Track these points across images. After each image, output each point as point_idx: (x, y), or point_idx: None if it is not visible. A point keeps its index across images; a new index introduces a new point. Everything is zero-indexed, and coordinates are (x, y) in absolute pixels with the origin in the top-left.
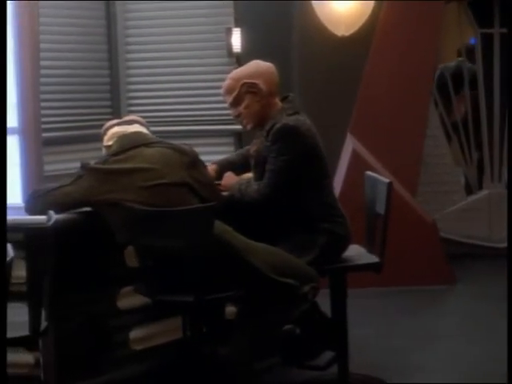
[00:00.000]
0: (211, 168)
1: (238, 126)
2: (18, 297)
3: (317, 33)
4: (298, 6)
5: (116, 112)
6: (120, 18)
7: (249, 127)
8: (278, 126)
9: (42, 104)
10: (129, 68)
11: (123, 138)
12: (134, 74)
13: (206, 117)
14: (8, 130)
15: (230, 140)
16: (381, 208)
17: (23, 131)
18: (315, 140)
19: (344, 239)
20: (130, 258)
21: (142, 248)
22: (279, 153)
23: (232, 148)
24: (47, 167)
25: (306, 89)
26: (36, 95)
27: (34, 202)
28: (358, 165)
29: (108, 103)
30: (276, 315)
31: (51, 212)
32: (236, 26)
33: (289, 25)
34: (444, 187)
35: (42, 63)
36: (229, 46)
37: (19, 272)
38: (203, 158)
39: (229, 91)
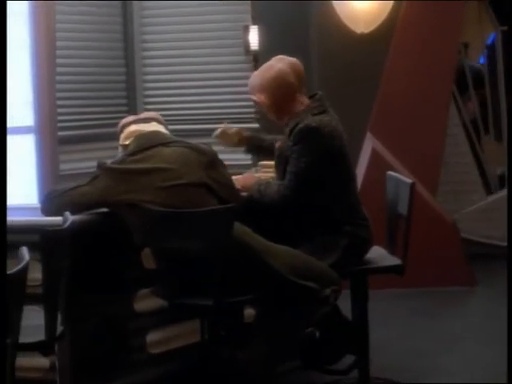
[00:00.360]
0: (239, 130)
1: (255, 124)
2: (34, 299)
3: (336, 30)
4: (316, 3)
5: (132, 110)
6: (136, 16)
7: (278, 123)
8: (300, 126)
9: (58, 102)
10: (145, 66)
11: (140, 137)
12: (151, 72)
13: (223, 115)
14: (24, 129)
15: None
16: (403, 209)
17: (39, 130)
18: (340, 141)
19: (366, 242)
20: (148, 259)
21: (159, 250)
22: (300, 154)
23: None
24: (63, 166)
25: (324, 87)
26: (52, 93)
27: (50, 203)
28: (377, 164)
29: (124, 101)
30: (296, 318)
31: (67, 213)
32: (253, 24)
33: (307, 22)
34: (463, 187)
35: (58, 61)
36: (246, 44)
37: (35, 274)
38: (221, 156)
39: (255, 90)
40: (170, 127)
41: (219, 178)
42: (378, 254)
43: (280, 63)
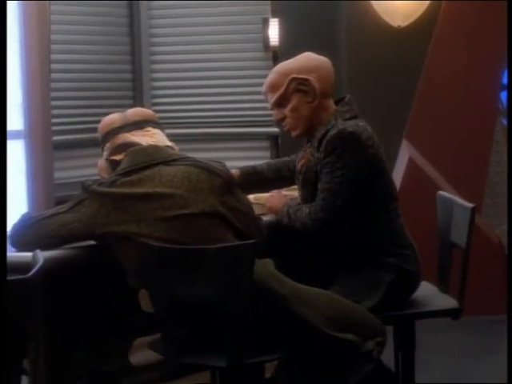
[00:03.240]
0: (235, 172)
1: (275, 128)
2: None
3: (370, 23)
4: None
5: None
6: (143, 7)
7: (295, 134)
8: (332, 132)
9: (53, 103)
10: (153, 63)
11: (136, 152)
12: (159, 70)
13: (238, 117)
14: (12, 134)
15: (265, 144)
16: (459, 238)
17: (30, 134)
18: (379, 152)
19: (415, 277)
20: (146, 300)
21: (159, 295)
22: (334, 167)
23: (267, 153)
24: (58, 174)
25: (355, 88)
26: (45, 93)
27: (22, 233)
28: (415, 176)
29: (130, 102)
30: (333, 379)
31: (38, 252)
32: (273, 17)
33: (335, 14)
34: (505, 198)
35: (53, 57)
36: (265, 39)
37: None
38: (235, 164)
39: (273, 88)
40: (180, 131)
41: (236, 206)
42: (426, 292)
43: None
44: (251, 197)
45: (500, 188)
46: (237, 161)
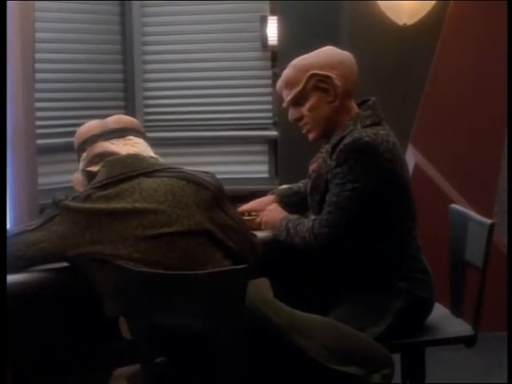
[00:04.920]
0: (268, 199)
1: (273, 132)
2: None
3: (374, 22)
4: None
5: (130, 114)
6: (135, 4)
7: (312, 136)
8: (347, 140)
9: (37, 105)
10: (146, 63)
11: (113, 162)
12: (152, 70)
13: (235, 120)
14: None
15: (263, 148)
16: (474, 256)
17: (12, 138)
18: (400, 164)
19: (427, 304)
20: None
21: (139, 326)
22: (346, 179)
23: (265, 157)
24: (43, 180)
25: (358, 88)
26: (29, 94)
27: None
28: (420, 182)
29: (121, 104)
30: None
31: None
32: (272, 15)
33: (337, 12)
34: None
35: (38, 56)
36: (263, 38)
37: None
38: (232, 169)
39: (289, 84)
40: (174, 134)
41: (227, 222)
42: (437, 316)
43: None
44: None
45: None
46: (233, 166)
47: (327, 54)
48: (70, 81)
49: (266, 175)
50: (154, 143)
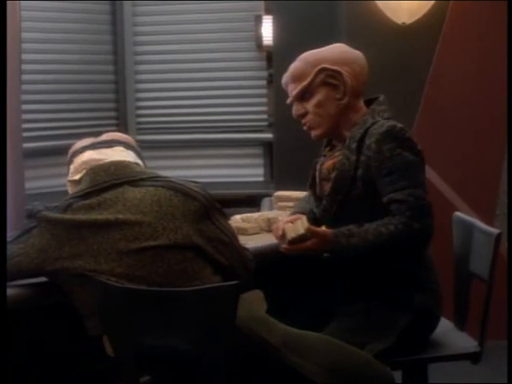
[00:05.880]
0: (300, 220)
1: (268, 134)
2: None
3: (372, 20)
4: None
5: (122, 117)
6: (127, 3)
7: (315, 134)
8: (381, 130)
9: (24, 107)
10: (138, 63)
11: (96, 170)
12: (144, 71)
13: (229, 122)
14: None
15: (258, 151)
16: (479, 268)
17: None
18: None
19: (435, 318)
20: None
21: (123, 346)
22: (400, 169)
23: (260, 160)
24: (30, 184)
25: None
26: (15, 96)
27: None
28: None
29: (112, 105)
30: None
31: None
32: (267, 14)
33: (334, 11)
34: None
35: (25, 57)
36: (258, 38)
37: None
38: (226, 172)
39: (296, 78)
40: (166, 137)
41: (217, 235)
42: (441, 330)
43: None
44: (238, 217)
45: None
46: (227, 169)
47: (339, 50)
48: (58, 82)
49: (261, 179)
50: (145, 146)
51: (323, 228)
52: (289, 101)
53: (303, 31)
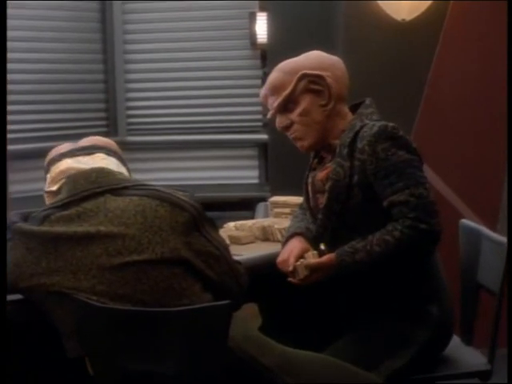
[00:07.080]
0: (303, 246)
1: (263, 135)
2: None
3: (371, 17)
4: None
5: (111, 117)
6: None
7: (304, 144)
8: (372, 131)
9: (10, 107)
10: (128, 62)
11: (77, 178)
12: (135, 70)
13: (222, 123)
14: None
15: (253, 152)
16: (488, 278)
17: None
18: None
19: (450, 334)
20: None
21: (104, 370)
22: (399, 169)
23: (255, 162)
24: (14, 187)
25: (354, 90)
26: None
27: None
28: None
29: (102, 106)
30: None
31: None
32: (261, 11)
33: (330, 8)
34: None
35: (10, 56)
36: (252, 36)
37: None
38: (219, 174)
39: (276, 89)
40: (158, 138)
41: (207, 248)
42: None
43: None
44: (231, 225)
45: None
46: (220, 171)
47: (317, 55)
48: (45, 82)
49: (256, 181)
50: (136, 147)
51: (324, 250)
52: (269, 115)
53: (299, 29)
